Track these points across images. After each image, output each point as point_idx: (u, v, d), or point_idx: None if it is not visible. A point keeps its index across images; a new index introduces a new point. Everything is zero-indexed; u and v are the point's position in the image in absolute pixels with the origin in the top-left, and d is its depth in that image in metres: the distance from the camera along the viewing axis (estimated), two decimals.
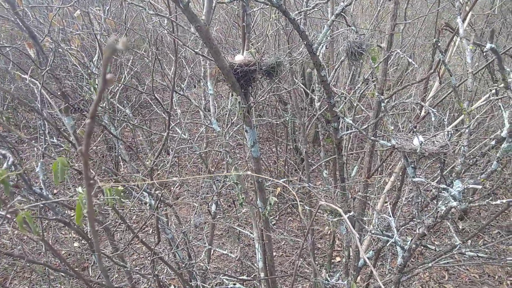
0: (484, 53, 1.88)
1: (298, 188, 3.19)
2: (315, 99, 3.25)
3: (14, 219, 1.26)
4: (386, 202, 3.62)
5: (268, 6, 1.83)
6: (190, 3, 1.76)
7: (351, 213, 1.89)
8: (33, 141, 3.26)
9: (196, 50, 2.08)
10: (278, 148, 8.34)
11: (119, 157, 4.43)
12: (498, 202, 1.39)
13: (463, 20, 1.67)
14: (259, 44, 2.27)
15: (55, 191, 6.59)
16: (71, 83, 4.61)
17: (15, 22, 2.69)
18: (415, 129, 2.42)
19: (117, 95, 4.15)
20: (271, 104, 7.67)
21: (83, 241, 6.22)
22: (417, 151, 1.64)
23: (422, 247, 4.23)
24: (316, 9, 1.96)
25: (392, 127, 1.80)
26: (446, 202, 1.59)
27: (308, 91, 3.36)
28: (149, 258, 3.01)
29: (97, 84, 2.78)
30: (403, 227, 2.33)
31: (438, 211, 1.67)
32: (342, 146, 2.46)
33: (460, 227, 5.22)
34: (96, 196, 1.28)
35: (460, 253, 2.52)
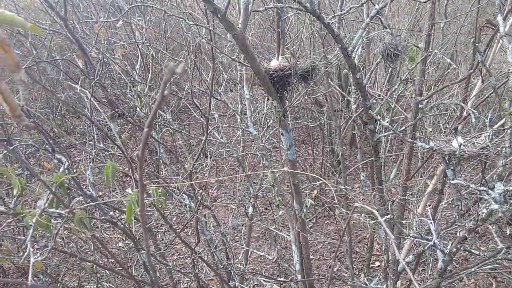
0: None
1: (335, 190, 3.18)
2: (351, 101, 3.23)
3: (71, 219, 1.38)
4: (427, 206, 3.52)
5: (303, 11, 1.87)
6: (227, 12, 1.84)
7: (389, 216, 1.88)
8: (83, 146, 3.48)
9: (233, 57, 2.16)
10: (315, 151, 8.31)
11: (160, 160, 4.61)
12: None
13: (504, 18, 1.62)
14: (294, 47, 2.31)
15: (100, 193, 6.95)
16: (116, 90, 4.87)
17: (66, 35, 2.91)
18: (455, 131, 2.37)
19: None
20: (307, 106, 7.67)
21: (127, 241, 6.52)
22: (456, 153, 1.61)
23: (466, 253, 4.07)
24: (350, 12, 1.98)
25: (431, 129, 1.78)
26: (487, 205, 1.55)
27: (344, 93, 3.36)
28: (189, 258, 3.12)
29: (140, 92, 2.94)
30: (444, 231, 2.28)
31: (479, 214, 1.63)
32: (379, 149, 2.44)
33: (508, 232, 4.95)
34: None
35: (506, 258, 2.42)
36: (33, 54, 4.06)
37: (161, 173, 7.36)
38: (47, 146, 1.93)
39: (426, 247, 1.97)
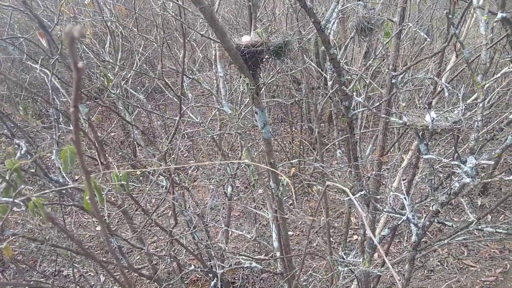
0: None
1: (313, 168, 3.17)
2: (328, 78, 3.19)
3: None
4: (402, 180, 3.57)
5: None
6: None
7: (363, 192, 1.88)
8: (51, 129, 3.34)
9: (202, 33, 2.06)
10: (293, 129, 8.31)
11: (135, 142, 4.50)
12: (511, 177, 1.35)
13: None
14: (268, 23, 2.23)
15: (76, 177, 6.78)
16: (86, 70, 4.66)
17: (24, 12, 2.72)
18: (428, 105, 2.37)
19: (129, 81, 4.18)
20: (284, 84, 7.60)
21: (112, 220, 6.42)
22: (429, 127, 1.60)
23: (440, 224, 4.19)
24: None
25: (404, 104, 1.76)
26: (459, 179, 1.56)
27: (319, 69, 3.31)
28: (167, 240, 3.09)
29: (107, 71, 2.80)
30: (417, 205, 2.31)
31: (452, 188, 1.64)
32: (353, 125, 2.43)
33: (479, 202, 5.13)
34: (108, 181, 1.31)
35: (477, 229, 2.49)
36: None
37: (137, 155, 7.23)
38: (5, 131, 1.81)
39: (400, 222, 1.99)
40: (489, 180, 1.49)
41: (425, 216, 1.95)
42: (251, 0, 2.15)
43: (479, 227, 2.47)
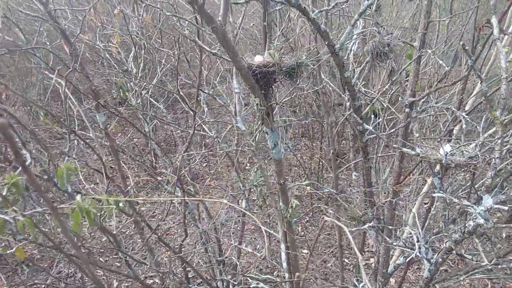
0: None
1: (323, 191, 3.09)
2: (345, 98, 3.12)
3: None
4: (423, 205, 3.42)
5: (286, 5, 1.75)
6: (205, 3, 1.73)
7: (371, 224, 1.79)
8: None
9: (214, 51, 2.05)
10: (314, 144, 8.20)
11: (152, 152, 4.55)
12: None
13: (499, 21, 1.50)
14: (284, 44, 2.19)
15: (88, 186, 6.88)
16: (108, 79, 4.77)
17: (48, 21, 2.80)
18: (449, 133, 2.25)
19: (150, 91, 4.24)
20: (306, 100, 7.54)
21: (123, 230, 6.49)
22: (442, 161, 1.51)
23: (458, 256, 3.98)
24: (339, 7, 1.86)
25: (417, 135, 1.68)
26: (474, 218, 1.46)
27: (337, 89, 3.24)
28: (174, 253, 3.06)
29: (123, 83, 2.84)
30: (432, 237, 2.19)
31: (466, 226, 1.54)
32: (368, 150, 2.34)
33: (504, 235, 4.85)
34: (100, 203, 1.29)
35: (495, 264, 2.33)
36: (22, 40, 3.96)
37: (158, 162, 7.30)
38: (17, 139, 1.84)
39: (409, 258, 1.89)
40: (503, 226, 1.38)
41: (438, 252, 1.84)
42: (266, 19, 2.12)
43: (501, 266, 2.31)
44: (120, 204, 1.31)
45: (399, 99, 2.03)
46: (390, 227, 2.31)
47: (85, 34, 4.53)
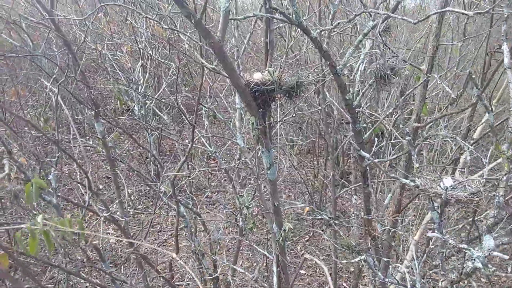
0: None
1: (321, 213, 2.98)
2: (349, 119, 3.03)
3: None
4: (424, 234, 3.28)
5: (287, 23, 1.69)
6: (203, 19, 1.68)
7: (362, 257, 1.69)
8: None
9: (212, 66, 1.99)
10: (319, 161, 8.09)
11: (151, 163, 4.50)
12: None
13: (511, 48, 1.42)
14: (297, 58, 2.13)
15: (100, 186, 6.83)
16: (111, 88, 4.77)
17: (52, 29, 2.79)
18: (454, 162, 2.15)
19: (153, 101, 4.21)
20: (312, 117, 7.45)
21: (119, 239, 6.40)
22: (442, 196, 1.41)
23: None
24: (339, 27, 1.79)
25: (417, 165, 1.58)
26: (473, 260, 1.35)
27: (341, 108, 3.16)
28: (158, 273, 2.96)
29: (121, 95, 2.80)
30: (429, 272, 2.06)
31: (464, 267, 1.43)
32: (367, 175, 2.24)
33: (504, 275, 4.67)
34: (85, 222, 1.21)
35: None
36: (30, 45, 3.96)
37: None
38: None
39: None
40: (503, 275, 1.27)
41: None
42: (268, 36, 2.07)
43: None
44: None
45: (400, 126, 1.94)
46: (386, 259, 2.19)
47: (94, 44, 4.54)
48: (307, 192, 7.38)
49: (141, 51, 4.39)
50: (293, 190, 8.12)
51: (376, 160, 2.33)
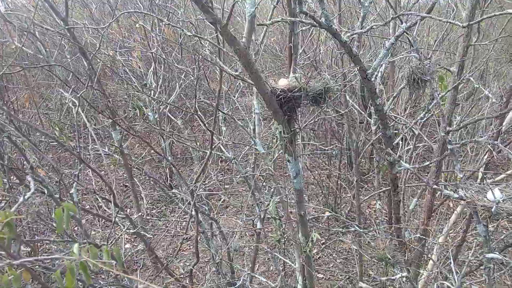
0: None
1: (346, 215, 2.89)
2: (371, 122, 2.94)
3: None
4: (449, 237, 3.17)
5: (316, 26, 1.61)
6: (229, 25, 1.60)
7: (405, 274, 1.60)
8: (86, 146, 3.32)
9: (235, 74, 1.92)
10: (332, 162, 7.97)
11: (167, 169, 4.45)
12: None
13: None
14: (311, 66, 2.05)
15: (128, 210, 6.78)
16: (127, 93, 4.73)
17: (68, 38, 2.74)
18: (485, 165, 2.04)
19: (168, 107, 4.16)
20: (325, 118, 7.34)
21: (134, 244, 6.37)
22: (492, 210, 1.32)
23: None
24: (372, 29, 1.70)
25: (461, 175, 1.48)
26: None
27: (363, 113, 3.06)
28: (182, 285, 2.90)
29: (140, 103, 2.74)
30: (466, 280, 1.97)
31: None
32: (397, 182, 2.15)
33: None
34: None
35: None
36: (43, 53, 3.93)
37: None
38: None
39: None
40: None
41: None
42: (293, 41, 1.98)
43: None
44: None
45: (441, 134, 1.84)
46: (419, 270, 2.10)
47: (106, 49, 4.50)
48: (321, 193, 7.27)
49: (153, 55, 4.35)
50: (306, 191, 8.02)
51: (403, 168, 2.23)
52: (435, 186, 1.70)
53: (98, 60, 4.17)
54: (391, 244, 2.03)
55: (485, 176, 2.39)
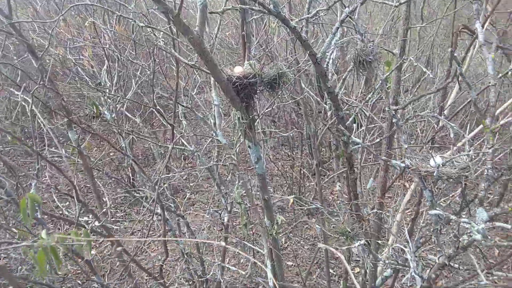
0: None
1: (309, 205, 3.01)
2: (326, 107, 3.06)
3: None
4: (405, 215, 3.37)
5: (265, 13, 1.68)
6: (181, 14, 1.63)
7: (362, 242, 1.72)
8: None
9: (191, 63, 1.95)
10: (294, 153, 8.16)
11: (128, 168, 4.38)
12: None
13: (483, 25, 1.47)
14: (264, 54, 2.13)
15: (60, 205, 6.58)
16: (80, 93, 4.59)
17: (15, 36, 2.63)
18: (432, 141, 2.21)
19: (125, 104, 4.09)
20: (285, 109, 7.50)
21: (100, 249, 6.21)
22: (434, 174, 1.45)
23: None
24: (320, 15, 1.79)
25: (406, 146, 1.62)
26: (469, 233, 1.40)
27: (318, 99, 3.19)
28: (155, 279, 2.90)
29: (95, 100, 2.69)
30: (421, 249, 2.13)
31: (460, 241, 1.48)
32: (353, 161, 2.28)
33: (496, 253, 4.93)
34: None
35: (489, 273, 2.29)
36: None
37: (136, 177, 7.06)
38: None
39: (403, 275, 1.81)
40: (505, 244, 1.33)
41: (431, 269, 1.78)
42: (245, 29, 2.04)
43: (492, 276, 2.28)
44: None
45: (386, 108, 1.98)
46: (378, 241, 2.24)
47: (55, 48, 4.34)
48: (285, 184, 7.43)
49: (106, 52, 4.25)
50: (271, 183, 8.16)
51: (356, 146, 2.37)
52: (383, 158, 1.83)
53: (47, 60, 4.02)
54: (350, 218, 2.15)
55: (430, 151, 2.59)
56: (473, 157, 1.49)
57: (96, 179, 3.63)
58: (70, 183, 1.82)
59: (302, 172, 7.28)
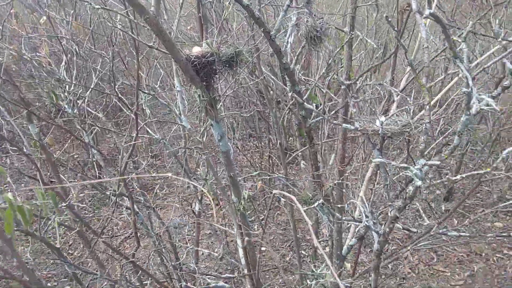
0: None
1: (277, 180, 3.13)
2: (287, 89, 3.18)
3: None
4: (368, 189, 3.58)
5: None
6: None
7: (320, 201, 1.84)
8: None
9: (150, 44, 2.00)
10: (262, 143, 8.31)
11: (94, 163, 4.32)
12: (458, 177, 1.36)
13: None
14: (221, 35, 2.20)
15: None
16: (39, 92, 4.48)
17: None
18: (385, 113, 2.38)
19: (86, 99, 4.03)
20: (250, 99, 7.60)
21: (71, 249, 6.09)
22: (379, 132, 1.60)
23: (407, 231, 4.22)
24: None
25: (355, 110, 1.75)
26: (413, 183, 1.55)
27: (277, 80, 3.31)
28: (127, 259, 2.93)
29: (53, 90, 2.68)
30: (380, 211, 2.30)
31: (407, 192, 1.63)
32: (313, 135, 2.41)
33: (443, 208, 5.25)
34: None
35: (441, 233, 2.50)
36: None
37: (102, 176, 6.95)
38: None
39: (358, 227, 1.97)
40: (437, 182, 1.49)
41: (385, 223, 1.93)
42: (201, 11, 2.11)
43: (441, 231, 2.48)
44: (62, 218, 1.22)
45: (337, 81, 2.11)
46: (340, 205, 2.39)
47: (10, 45, 4.20)
48: (254, 173, 7.55)
49: (63, 47, 4.16)
50: (241, 174, 8.28)
51: (315, 120, 2.50)
52: (335, 122, 1.97)
53: (0, 57, 3.91)
54: (311, 185, 2.29)
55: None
56: (412, 114, 1.65)
57: (61, 176, 3.59)
58: (33, 164, 1.83)
59: (271, 161, 7.43)
